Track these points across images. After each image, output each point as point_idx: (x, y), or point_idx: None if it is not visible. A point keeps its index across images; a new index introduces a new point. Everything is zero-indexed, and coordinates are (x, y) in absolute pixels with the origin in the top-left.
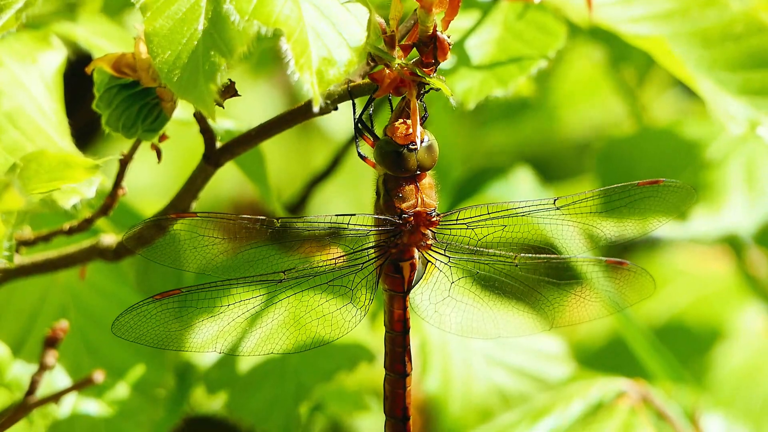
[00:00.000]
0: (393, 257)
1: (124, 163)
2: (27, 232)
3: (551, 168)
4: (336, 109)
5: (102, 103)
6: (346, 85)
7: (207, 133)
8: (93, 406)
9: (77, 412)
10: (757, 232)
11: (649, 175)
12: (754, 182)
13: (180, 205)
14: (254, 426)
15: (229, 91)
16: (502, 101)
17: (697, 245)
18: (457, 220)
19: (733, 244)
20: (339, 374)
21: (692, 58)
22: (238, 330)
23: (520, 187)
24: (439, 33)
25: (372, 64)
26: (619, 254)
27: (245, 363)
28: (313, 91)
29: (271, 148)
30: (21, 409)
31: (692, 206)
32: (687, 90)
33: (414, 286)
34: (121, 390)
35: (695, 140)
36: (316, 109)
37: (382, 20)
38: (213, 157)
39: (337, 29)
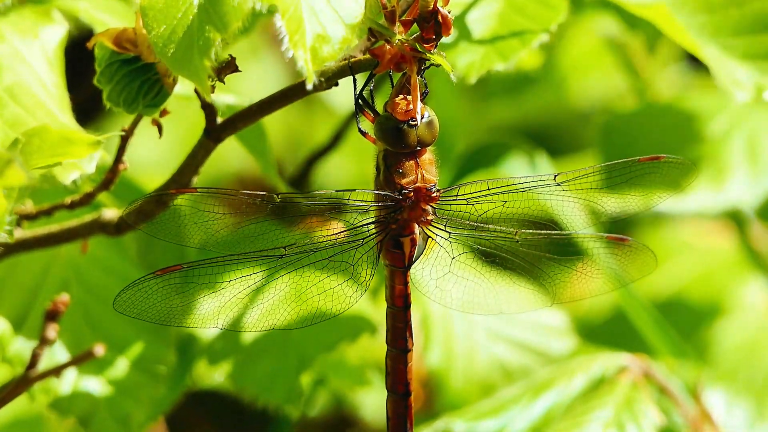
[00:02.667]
0: (393, 233)
1: (125, 138)
2: (29, 206)
3: (555, 141)
4: (336, 84)
5: (103, 79)
6: (346, 61)
7: (208, 108)
8: (94, 383)
9: (78, 388)
10: (760, 206)
11: (652, 149)
12: (756, 156)
13: (181, 179)
14: (256, 398)
15: (230, 66)
16: (504, 75)
17: (701, 219)
18: (457, 195)
19: (736, 219)
20: (341, 345)
21: (695, 24)
22: (240, 305)
23: (524, 163)
24: (440, 8)
25: (372, 39)
26: (623, 226)
27: (248, 335)
28: (306, 68)
29: (274, 121)
30: (22, 382)
31: (694, 181)
32: (691, 64)
33: (414, 261)
34: (122, 366)
35: (698, 115)
36: (309, 86)
37: None
38: (214, 132)
39: (332, 6)
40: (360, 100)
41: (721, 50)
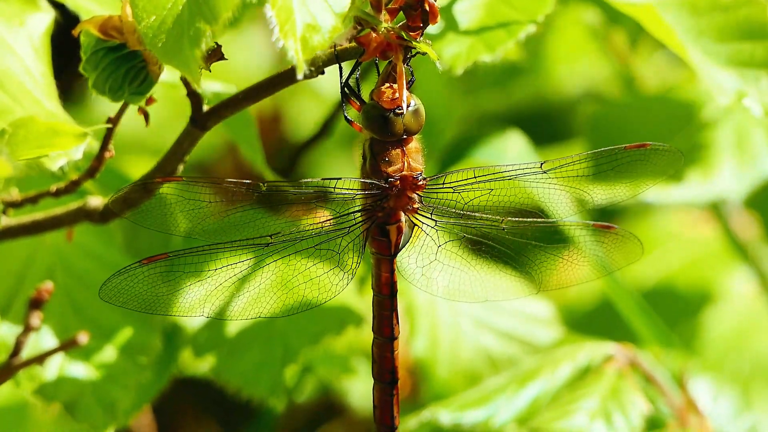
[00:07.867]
0: (379, 221)
1: (112, 126)
2: (14, 194)
3: (542, 129)
4: (323, 73)
5: (89, 66)
6: (332, 49)
7: (194, 96)
8: (79, 369)
9: (64, 374)
10: (748, 196)
11: (642, 140)
12: (744, 146)
13: (167, 168)
14: (241, 389)
15: (216, 54)
16: (492, 64)
17: (688, 208)
18: (443, 183)
19: (722, 208)
20: (326, 337)
21: (681, 27)
22: (226, 294)
23: (510, 152)
24: None
25: (359, 27)
26: (610, 216)
27: (233, 326)
28: (297, 58)
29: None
30: (6, 370)
31: (681, 170)
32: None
33: (401, 249)
34: (108, 352)
35: (687, 105)
36: (300, 76)
37: None
38: (200, 121)
39: None
40: (346, 89)
41: (704, 55)
